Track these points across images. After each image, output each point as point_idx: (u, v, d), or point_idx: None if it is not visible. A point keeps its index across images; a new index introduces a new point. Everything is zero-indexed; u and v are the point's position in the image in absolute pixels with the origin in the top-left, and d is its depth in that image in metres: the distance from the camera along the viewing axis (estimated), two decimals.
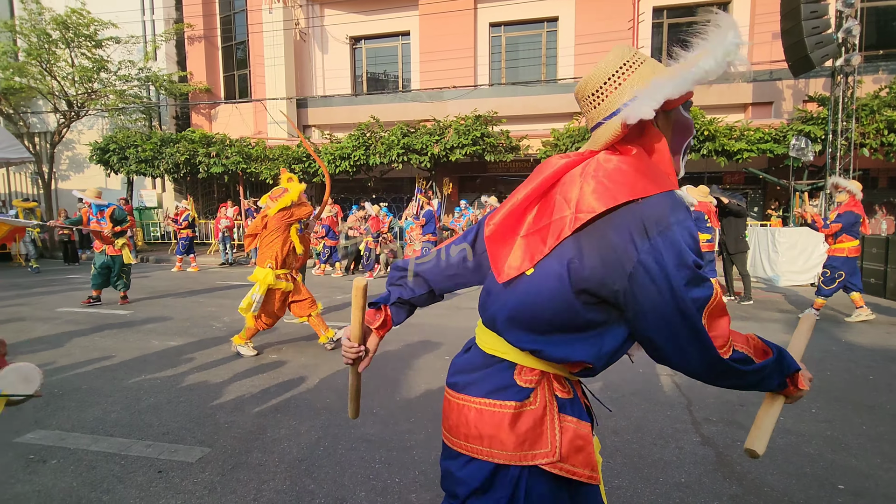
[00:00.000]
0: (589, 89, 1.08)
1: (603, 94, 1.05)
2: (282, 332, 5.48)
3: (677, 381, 3.90)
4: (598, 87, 1.06)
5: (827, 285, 5.87)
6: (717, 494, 2.36)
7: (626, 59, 1.05)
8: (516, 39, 15.14)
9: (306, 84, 16.44)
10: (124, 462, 2.68)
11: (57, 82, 15.19)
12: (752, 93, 13.09)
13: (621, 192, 0.91)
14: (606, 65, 1.06)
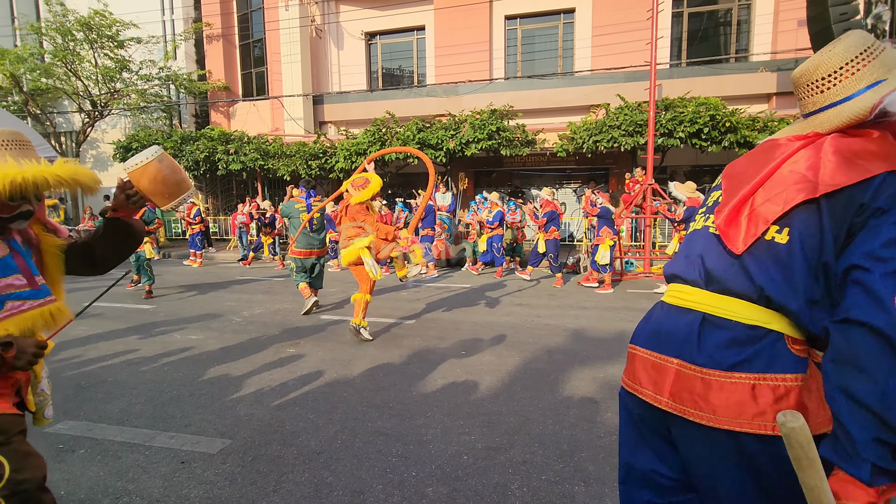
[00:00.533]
0: (819, 73, 1.11)
1: (836, 78, 1.08)
2: (300, 328, 5.54)
3: None
4: (831, 72, 1.09)
5: None
6: None
7: (866, 46, 1.08)
8: (532, 32, 14.97)
9: (322, 80, 16.53)
10: (148, 452, 2.75)
11: (81, 82, 15.55)
12: (776, 82, 12.72)
13: (875, 166, 0.95)
14: (844, 50, 1.08)
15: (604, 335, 5.10)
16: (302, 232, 6.22)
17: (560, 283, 8.33)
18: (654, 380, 1.15)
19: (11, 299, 1.42)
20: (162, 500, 2.30)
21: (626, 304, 6.67)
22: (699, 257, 1.16)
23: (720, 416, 1.01)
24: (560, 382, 3.76)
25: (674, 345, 1.12)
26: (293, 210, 6.51)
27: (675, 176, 14.08)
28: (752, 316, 1.03)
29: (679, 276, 1.20)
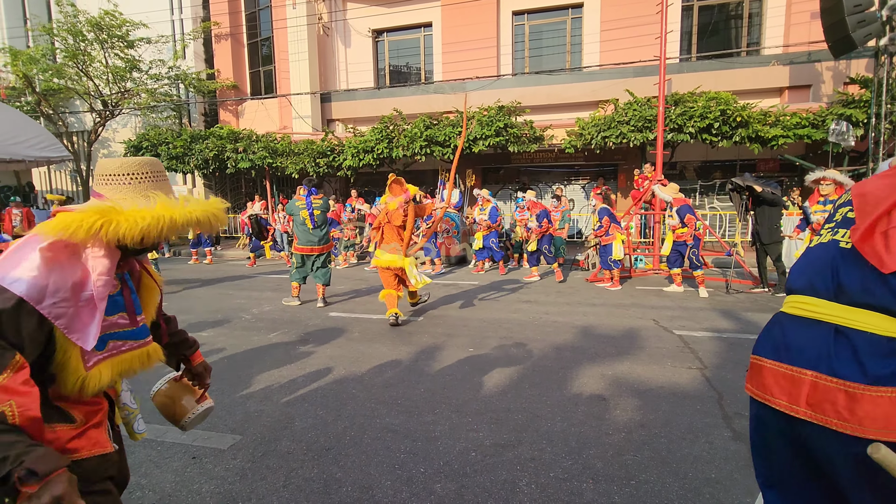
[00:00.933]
0: None
1: None
2: (309, 325, 5.58)
3: (707, 375, 3.80)
4: None
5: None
6: (750, 490, 2.30)
7: None
8: (540, 27, 14.87)
9: (330, 78, 16.56)
10: (160, 448, 2.78)
11: (92, 82, 15.72)
12: (788, 76, 12.54)
13: None
14: None
15: (613, 332, 5.07)
16: (302, 229, 6.44)
17: (560, 276, 8.32)
18: (788, 391, 1.21)
19: (114, 339, 1.31)
20: (174, 494, 2.33)
21: (635, 301, 6.63)
22: (830, 270, 1.21)
23: (867, 428, 1.05)
24: (568, 379, 3.75)
25: (807, 358, 1.18)
26: (295, 208, 6.63)
27: (686, 172, 13.95)
28: (893, 328, 1.07)
29: (803, 289, 1.27)
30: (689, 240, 7.06)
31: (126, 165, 1.28)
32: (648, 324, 5.39)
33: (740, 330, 5.11)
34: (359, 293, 7.54)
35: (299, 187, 6.91)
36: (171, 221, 1.21)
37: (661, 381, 3.68)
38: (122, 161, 1.29)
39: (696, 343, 4.66)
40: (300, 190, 6.91)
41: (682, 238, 7.16)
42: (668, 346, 4.58)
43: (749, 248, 10.27)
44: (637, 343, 4.68)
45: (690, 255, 7.08)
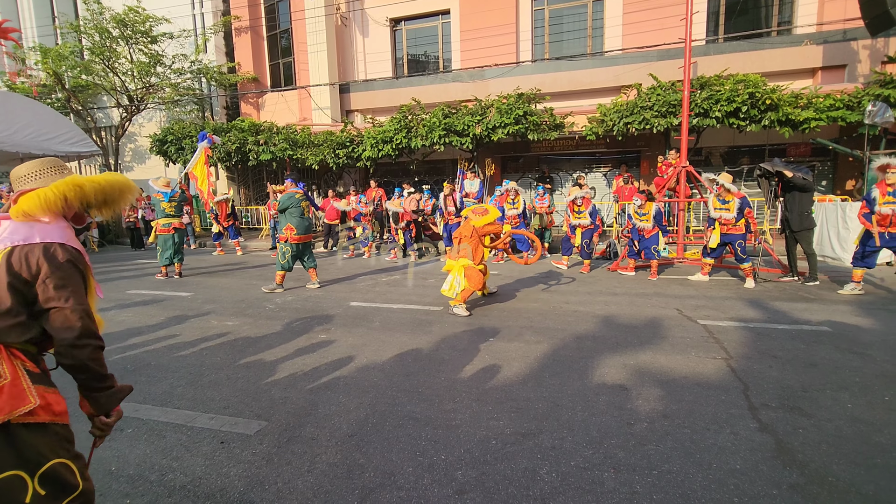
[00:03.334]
0: None
1: None
2: (331, 315, 5.66)
3: (732, 366, 3.73)
4: None
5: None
6: (776, 482, 2.26)
7: None
8: (560, 12, 14.56)
9: (348, 69, 16.59)
10: (190, 433, 2.88)
11: (118, 78, 16.08)
12: (822, 55, 12.03)
13: None
14: None
15: (634, 321, 5.01)
16: (301, 220, 6.92)
17: (587, 269, 8.24)
18: None
19: None
20: (204, 477, 2.42)
21: (658, 290, 6.52)
22: None
23: None
24: (589, 369, 3.73)
25: None
26: (294, 200, 6.95)
27: (711, 158, 13.57)
28: None
29: None
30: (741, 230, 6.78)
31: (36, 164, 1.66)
32: (671, 313, 5.31)
33: (768, 320, 4.99)
34: (377, 283, 7.60)
35: (287, 182, 7.24)
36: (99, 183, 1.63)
37: (684, 371, 3.63)
38: (31, 163, 1.66)
39: (722, 333, 4.56)
40: (289, 184, 7.31)
41: (734, 231, 6.81)
42: (692, 335, 4.50)
43: (778, 235, 9.96)
44: (659, 332, 4.61)
45: (737, 246, 6.78)
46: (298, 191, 7.11)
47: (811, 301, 5.77)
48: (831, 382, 3.38)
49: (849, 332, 4.47)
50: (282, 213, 7.01)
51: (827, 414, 2.93)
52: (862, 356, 3.88)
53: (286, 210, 6.95)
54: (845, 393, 3.21)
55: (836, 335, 4.41)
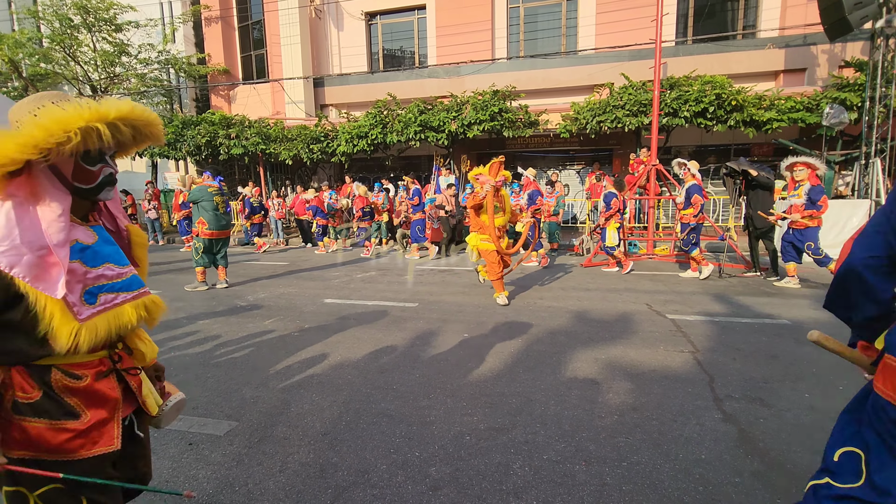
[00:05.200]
0: None
1: None
2: (305, 312, 5.59)
3: (699, 359, 3.85)
4: None
5: (818, 254, 6.35)
6: (738, 471, 2.35)
7: None
8: (535, 10, 14.68)
9: (323, 62, 16.34)
10: (157, 434, 2.79)
11: (80, 67, 15.43)
12: (784, 59, 12.48)
13: None
14: None
15: (606, 316, 5.11)
16: (214, 214, 6.71)
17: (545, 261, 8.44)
18: None
19: (104, 291, 1.24)
20: (171, 480, 2.36)
21: (629, 286, 6.67)
22: None
23: None
24: (562, 364, 3.79)
25: None
26: (206, 194, 6.73)
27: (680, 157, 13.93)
28: None
29: None
30: (691, 220, 7.05)
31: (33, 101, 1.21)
32: (641, 308, 5.44)
33: (732, 314, 5.16)
34: (352, 280, 7.54)
35: (205, 174, 7.06)
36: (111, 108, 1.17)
37: (653, 365, 3.73)
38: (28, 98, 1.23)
39: (689, 327, 4.70)
40: (206, 177, 7.06)
41: (685, 220, 7.17)
42: (661, 329, 4.62)
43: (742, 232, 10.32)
44: (630, 327, 4.72)
45: (688, 235, 7.14)
46: (213, 185, 6.84)
47: (773, 296, 6.00)
48: (790, 374, 3.53)
49: (807, 325, 4.67)
50: (195, 207, 6.79)
51: (786, 404, 3.06)
52: (818, 348, 4.05)
53: (198, 203, 6.73)
54: (803, 383, 3.36)
55: (795, 328, 4.60)
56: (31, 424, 1.16)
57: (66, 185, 1.20)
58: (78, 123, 1.10)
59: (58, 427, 1.18)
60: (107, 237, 1.31)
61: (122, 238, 1.42)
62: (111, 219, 1.40)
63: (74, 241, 1.20)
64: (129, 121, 1.21)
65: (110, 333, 1.23)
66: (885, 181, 9.37)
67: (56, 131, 1.08)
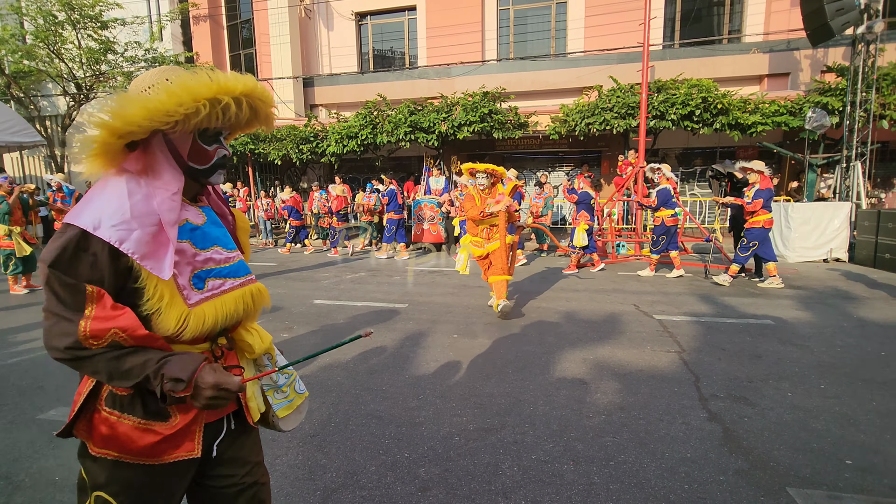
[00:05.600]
0: None
1: None
2: (293, 312, 5.56)
3: (685, 359, 3.90)
4: None
5: (742, 253, 6.66)
6: (723, 469, 2.39)
7: None
8: (525, 12, 14.75)
9: (312, 62, 16.25)
10: None
11: (65, 65, 15.18)
12: (768, 64, 12.68)
13: None
14: None
15: (594, 317, 5.16)
16: None
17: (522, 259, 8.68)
18: None
19: (212, 276, 1.17)
20: None
21: (616, 287, 6.74)
22: None
23: None
24: (551, 364, 3.82)
25: None
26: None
27: (667, 159, 14.09)
28: None
29: None
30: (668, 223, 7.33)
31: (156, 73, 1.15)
32: (629, 309, 5.49)
33: (717, 314, 5.24)
34: (342, 281, 7.52)
35: None
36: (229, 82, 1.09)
37: (640, 365, 3.77)
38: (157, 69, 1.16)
39: (675, 327, 4.76)
40: None
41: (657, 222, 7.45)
42: (648, 330, 4.68)
43: (727, 233, 10.46)
44: (618, 328, 4.77)
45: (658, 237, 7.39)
46: None
47: (757, 296, 6.10)
48: (773, 373, 3.60)
49: (790, 326, 4.76)
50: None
51: (769, 403, 3.11)
52: (801, 348, 4.14)
53: None
54: (786, 382, 3.42)
55: (778, 328, 4.69)
56: (119, 421, 1.10)
57: (181, 164, 1.15)
58: (207, 94, 1.05)
59: (144, 427, 1.10)
60: (215, 219, 1.25)
61: (228, 222, 1.35)
62: (217, 202, 1.34)
63: (185, 221, 1.15)
64: (253, 98, 1.16)
65: (216, 323, 1.15)
66: (866, 184, 9.57)
67: (186, 100, 1.03)
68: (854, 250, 8.63)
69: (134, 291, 1.06)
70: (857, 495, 2.19)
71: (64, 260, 0.99)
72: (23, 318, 5.52)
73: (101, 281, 1.02)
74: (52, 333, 1.00)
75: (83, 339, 0.98)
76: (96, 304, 1.00)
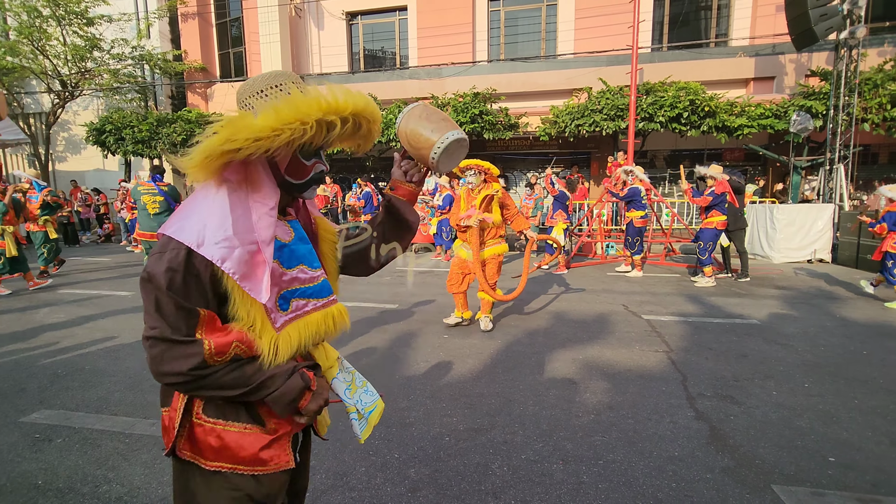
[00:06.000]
0: None
1: None
2: None
3: (672, 358, 3.94)
4: None
5: (703, 255, 6.96)
6: (710, 467, 2.42)
7: None
8: (515, 14, 14.82)
9: (303, 61, 16.17)
10: (129, 440, 2.73)
11: (49, 61, 14.93)
12: (754, 67, 12.88)
13: None
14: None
15: (584, 317, 5.19)
16: (144, 214, 6.40)
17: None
18: None
19: (296, 297, 1.11)
20: (143, 486, 2.30)
21: (606, 287, 6.79)
22: None
23: None
24: (541, 364, 3.84)
25: None
26: (137, 193, 6.50)
27: (656, 161, 14.23)
28: None
29: None
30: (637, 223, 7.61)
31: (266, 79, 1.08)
32: (618, 309, 5.54)
33: (705, 314, 5.30)
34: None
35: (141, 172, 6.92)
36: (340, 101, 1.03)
37: (629, 365, 3.80)
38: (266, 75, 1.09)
39: (663, 327, 4.81)
40: (144, 175, 6.88)
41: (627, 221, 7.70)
42: (637, 330, 4.72)
43: None
44: (607, 328, 4.80)
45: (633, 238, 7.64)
46: (146, 184, 6.50)
47: (743, 296, 6.18)
48: (759, 372, 3.65)
49: (775, 325, 4.84)
50: None
51: (755, 401, 3.16)
52: (785, 347, 4.21)
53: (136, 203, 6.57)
54: (771, 381, 3.48)
55: (764, 328, 4.76)
56: (225, 430, 1.05)
57: (277, 177, 1.09)
58: (316, 115, 1.00)
59: (252, 431, 1.06)
60: (302, 234, 1.18)
61: (312, 233, 1.28)
62: (306, 215, 1.28)
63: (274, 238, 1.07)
64: (363, 116, 1.09)
65: (300, 346, 1.09)
66: (848, 186, 9.75)
67: (294, 121, 0.97)
68: (837, 251, 8.79)
69: (223, 316, 1.01)
70: (840, 492, 2.23)
71: (178, 282, 0.93)
72: (4, 320, 5.41)
73: (207, 303, 0.97)
74: (166, 358, 0.93)
75: (209, 357, 0.94)
76: (206, 326, 0.96)
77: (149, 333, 0.94)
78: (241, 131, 0.95)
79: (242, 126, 0.95)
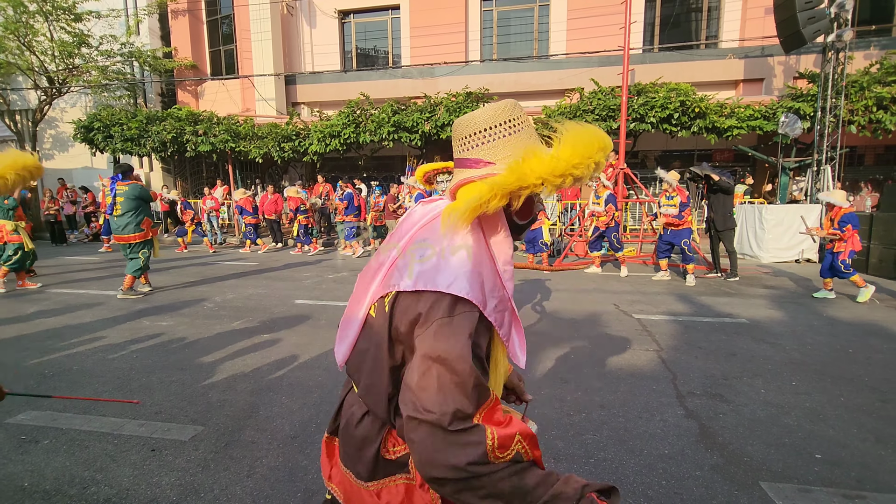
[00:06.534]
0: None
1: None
2: (274, 313, 5.49)
3: (663, 357, 3.98)
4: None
5: (689, 252, 7.17)
6: (699, 464, 2.44)
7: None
8: (508, 14, 14.85)
9: (295, 60, 16.08)
10: (117, 441, 2.70)
11: (36, 57, 14.71)
12: (743, 69, 13.01)
13: None
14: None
15: (575, 316, 5.22)
16: (110, 216, 6.24)
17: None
18: None
19: None
20: (132, 488, 2.28)
21: (598, 286, 6.83)
22: None
23: None
24: (533, 363, 3.85)
25: None
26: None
27: (647, 161, 14.33)
28: None
29: None
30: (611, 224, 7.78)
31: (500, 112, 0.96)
32: (609, 308, 5.57)
33: (694, 313, 5.35)
34: (324, 280, 7.45)
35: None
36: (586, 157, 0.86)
37: (620, 363, 3.83)
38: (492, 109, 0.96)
39: (654, 326, 4.85)
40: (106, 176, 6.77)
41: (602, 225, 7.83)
42: (628, 329, 4.75)
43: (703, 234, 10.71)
44: (598, 327, 4.83)
45: (612, 238, 7.78)
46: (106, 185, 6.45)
47: (732, 296, 6.25)
48: (747, 370, 3.69)
49: (763, 324, 4.89)
50: None
51: (744, 399, 3.19)
52: (773, 346, 4.26)
53: None
54: (759, 379, 3.52)
55: (752, 327, 4.81)
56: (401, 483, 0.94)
57: (508, 218, 0.96)
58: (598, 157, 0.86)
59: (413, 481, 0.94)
60: None
61: None
62: None
63: None
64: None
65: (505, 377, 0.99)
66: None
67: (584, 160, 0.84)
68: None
69: None
70: (826, 488, 2.26)
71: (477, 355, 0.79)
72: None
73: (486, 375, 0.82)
74: (444, 446, 0.75)
75: (490, 450, 0.76)
76: (490, 407, 0.80)
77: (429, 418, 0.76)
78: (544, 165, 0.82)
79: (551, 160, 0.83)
